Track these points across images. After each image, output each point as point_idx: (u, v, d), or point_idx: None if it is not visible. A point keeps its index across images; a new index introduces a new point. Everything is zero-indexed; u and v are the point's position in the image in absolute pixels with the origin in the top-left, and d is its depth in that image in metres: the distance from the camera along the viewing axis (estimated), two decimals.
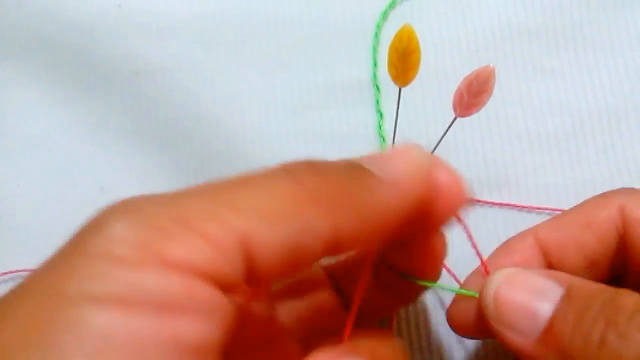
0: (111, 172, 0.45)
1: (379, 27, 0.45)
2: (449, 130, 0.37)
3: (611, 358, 0.26)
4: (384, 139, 0.43)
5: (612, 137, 0.43)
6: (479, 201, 0.42)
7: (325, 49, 0.45)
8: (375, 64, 0.44)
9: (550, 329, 0.28)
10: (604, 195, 0.34)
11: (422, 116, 0.43)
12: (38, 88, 0.46)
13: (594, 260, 0.33)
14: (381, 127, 0.43)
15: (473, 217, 0.42)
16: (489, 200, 0.42)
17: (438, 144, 0.38)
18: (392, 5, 0.45)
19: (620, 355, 0.26)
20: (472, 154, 0.43)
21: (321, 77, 0.45)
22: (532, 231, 0.35)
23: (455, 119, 0.36)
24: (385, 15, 0.45)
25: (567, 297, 0.28)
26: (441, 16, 0.45)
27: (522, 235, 0.35)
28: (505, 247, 0.35)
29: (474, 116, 0.36)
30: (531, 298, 0.29)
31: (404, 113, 0.40)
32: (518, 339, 0.29)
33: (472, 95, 0.34)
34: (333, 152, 0.43)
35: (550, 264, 0.34)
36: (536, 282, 0.29)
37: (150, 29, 0.46)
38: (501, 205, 0.42)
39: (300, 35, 0.45)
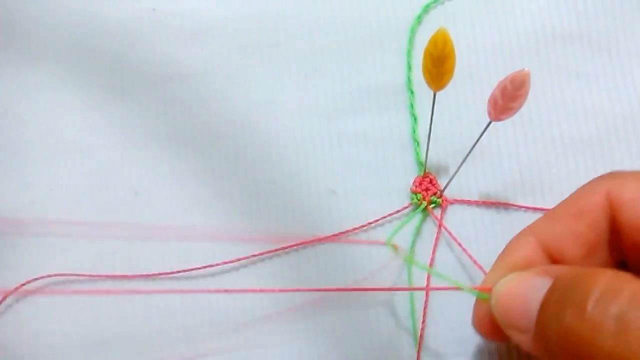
0: (145, 176, 0.46)
1: (413, 32, 0.46)
2: (484, 135, 0.39)
3: (579, 341, 0.27)
4: (418, 143, 0.44)
5: None
6: (513, 206, 0.44)
7: (359, 53, 0.46)
8: (409, 68, 0.46)
9: (537, 322, 0.31)
10: (590, 184, 0.36)
11: (456, 120, 0.45)
12: (72, 92, 0.47)
13: (591, 248, 0.35)
14: (415, 131, 0.45)
15: (507, 221, 0.44)
16: (523, 204, 0.44)
17: (472, 148, 0.40)
18: (426, 10, 0.46)
19: (588, 338, 0.27)
20: (506, 159, 0.44)
21: (355, 82, 0.46)
22: (530, 229, 0.37)
23: (489, 123, 0.38)
24: (419, 20, 0.46)
25: (552, 287, 0.31)
26: (475, 21, 0.46)
27: (521, 234, 0.37)
28: (507, 249, 0.37)
29: (508, 120, 0.37)
30: (525, 297, 0.32)
31: (439, 117, 0.41)
32: (522, 338, 0.32)
33: (507, 100, 0.36)
34: (367, 156, 0.45)
35: (552, 258, 0.35)
36: (528, 282, 0.32)
37: (184, 33, 0.47)
38: (535, 209, 0.43)
39: (335, 40, 0.47)
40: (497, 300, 0.34)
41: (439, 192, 0.44)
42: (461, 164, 0.41)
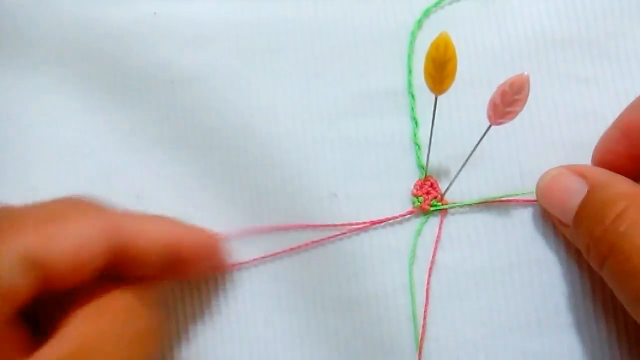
0: (147, 180, 0.47)
1: (413, 36, 0.47)
2: (484, 138, 0.40)
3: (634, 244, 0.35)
4: (419, 147, 0.45)
5: None
6: (513, 202, 0.45)
7: (360, 57, 0.47)
8: (410, 72, 0.46)
9: (579, 215, 0.39)
10: None
11: (457, 124, 0.45)
12: (73, 96, 0.48)
13: None
14: (416, 135, 0.45)
15: (509, 224, 0.44)
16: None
17: (473, 152, 0.41)
18: (427, 14, 0.47)
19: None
20: (507, 162, 0.45)
21: (356, 86, 0.46)
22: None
23: (489, 127, 0.39)
24: (420, 24, 0.47)
25: (584, 201, 0.39)
26: (476, 25, 0.47)
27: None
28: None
29: (509, 124, 0.38)
30: (563, 199, 0.41)
31: (439, 121, 0.42)
32: (562, 228, 0.42)
33: (507, 104, 0.37)
34: (368, 160, 0.46)
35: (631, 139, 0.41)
36: (567, 183, 0.41)
37: (186, 37, 0.48)
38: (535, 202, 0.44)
39: (336, 44, 0.47)
40: (540, 194, 0.43)
41: (439, 195, 0.44)
42: (462, 167, 0.42)
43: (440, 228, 0.44)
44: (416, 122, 0.46)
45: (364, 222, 0.44)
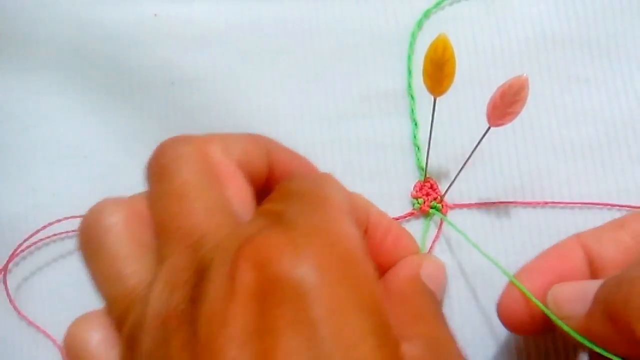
0: None
1: (413, 37, 0.47)
2: (483, 140, 0.40)
3: None
4: (418, 148, 0.45)
5: None
6: (513, 203, 0.45)
7: (360, 58, 0.47)
8: (410, 74, 0.46)
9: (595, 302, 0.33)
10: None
11: (456, 125, 0.46)
12: (74, 98, 0.48)
13: (630, 255, 0.37)
14: (416, 136, 0.46)
15: (507, 226, 0.44)
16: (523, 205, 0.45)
17: (472, 153, 0.41)
18: (426, 15, 0.47)
19: None
20: (506, 164, 0.45)
21: (356, 87, 0.47)
22: (576, 234, 0.39)
23: (489, 128, 0.39)
24: (420, 25, 0.47)
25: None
26: (476, 26, 0.47)
27: (567, 238, 0.39)
28: (553, 254, 0.39)
29: (508, 125, 0.38)
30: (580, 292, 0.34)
31: (439, 122, 0.42)
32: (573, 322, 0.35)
33: (506, 105, 0.37)
34: (368, 161, 0.46)
35: (591, 259, 0.37)
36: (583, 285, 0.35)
37: (186, 38, 0.48)
38: (537, 204, 0.44)
39: (336, 45, 0.47)
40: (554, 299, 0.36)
41: (439, 197, 0.44)
42: (461, 168, 0.42)
43: (439, 229, 0.44)
44: (416, 124, 0.46)
45: None
